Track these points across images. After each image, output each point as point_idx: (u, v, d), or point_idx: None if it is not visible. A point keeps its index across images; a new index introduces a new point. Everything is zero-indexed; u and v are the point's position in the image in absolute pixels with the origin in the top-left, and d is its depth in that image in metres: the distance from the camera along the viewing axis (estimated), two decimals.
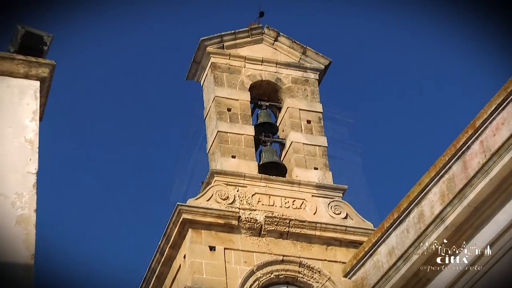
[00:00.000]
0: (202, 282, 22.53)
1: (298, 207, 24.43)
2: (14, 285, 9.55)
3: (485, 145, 12.72)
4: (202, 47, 26.19)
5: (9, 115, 10.49)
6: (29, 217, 9.94)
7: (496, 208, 12.50)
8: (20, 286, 9.56)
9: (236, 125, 25.43)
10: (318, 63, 27.02)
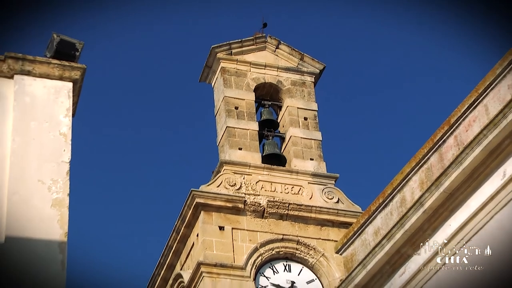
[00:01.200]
0: (212, 257, 22.56)
1: (296, 192, 24.46)
2: (50, 259, 9.53)
3: (458, 139, 12.70)
4: (213, 54, 26.26)
5: (46, 112, 10.45)
6: (63, 200, 9.90)
7: (468, 194, 12.46)
8: (56, 260, 9.52)
9: (243, 121, 25.47)
10: (314, 67, 27.08)
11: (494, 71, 12.15)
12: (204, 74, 26.81)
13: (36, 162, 10.09)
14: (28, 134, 10.24)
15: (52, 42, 10.67)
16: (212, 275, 22.34)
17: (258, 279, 22.90)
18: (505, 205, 11.85)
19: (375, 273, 14.01)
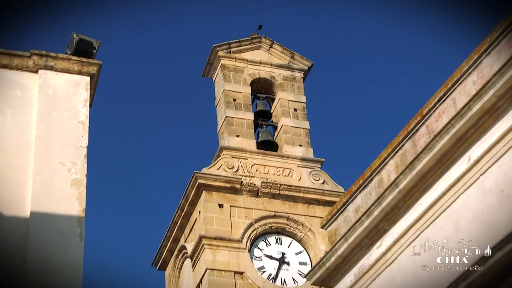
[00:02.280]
0: (213, 231, 22.60)
1: (286, 175, 24.49)
2: (70, 232, 9.58)
3: (429, 128, 12.70)
4: (214, 52, 26.29)
5: (66, 102, 10.47)
6: (81, 180, 9.95)
7: (438, 177, 12.45)
8: (74, 233, 9.56)
9: (240, 112, 25.49)
10: (303, 64, 27.11)
11: (461, 68, 12.18)
12: (206, 70, 26.87)
13: (58, 146, 10.13)
14: (51, 122, 10.27)
15: (72, 41, 10.71)
16: (212, 247, 22.40)
17: (252, 250, 22.96)
18: (470, 186, 11.86)
19: (355, 246, 13.99)
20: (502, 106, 11.32)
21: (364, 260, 13.97)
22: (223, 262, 22.31)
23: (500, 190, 11.27)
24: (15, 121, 10.22)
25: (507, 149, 11.24)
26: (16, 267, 9.17)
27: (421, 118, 12.93)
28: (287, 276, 22.99)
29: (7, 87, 10.44)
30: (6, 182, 9.75)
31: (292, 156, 24.95)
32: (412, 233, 12.91)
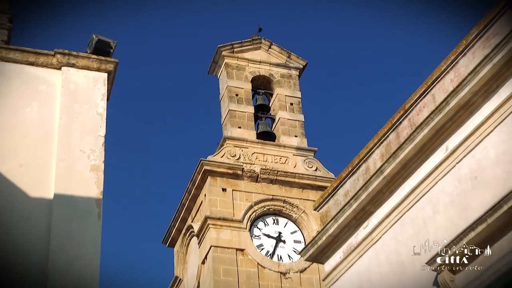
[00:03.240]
0: (217, 213, 22.63)
1: (283, 162, 24.51)
2: (89, 212, 9.58)
3: (411, 121, 12.69)
4: (219, 52, 26.33)
5: (86, 96, 10.46)
6: (99, 166, 9.94)
7: (418, 165, 12.43)
8: (93, 213, 9.56)
9: (242, 106, 25.51)
10: (298, 63, 27.16)
11: (440, 67, 12.18)
12: (211, 68, 26.92)
13: (78, 135, 10.11)
14: (72, 114, 10.25)
15: (92, 41, 10.69)
16: (216, 226, 22.44)
17: (252, 230, 23.01)
18: (447, 173, 11.87)
19: (344, 226, 13.97)
20: (476, 102, 11.33)
21: (352, 239, 13.95)
22: (226, 240, 22.36)
23: (474, 177, 11.30)
24: (41, 113, 10.19)
25: (480, 140, 11.27)
26: (40, 243, 9.16)
27: (404, 112, 12.91)
28: (283, 253, 23.04)
29: (34, 82, 10.42)
30: (32, 167, 9.73)
31: (288, 145, 25.01)
32: (395, 215, 12.93)
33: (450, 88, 11.79)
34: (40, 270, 8.99)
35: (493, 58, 10.79)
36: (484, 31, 11.32)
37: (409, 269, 12.37)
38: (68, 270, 9.08)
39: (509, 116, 10.78)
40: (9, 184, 9.44)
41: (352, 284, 13.78)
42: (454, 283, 11.14)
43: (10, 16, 11.53)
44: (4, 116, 10.00)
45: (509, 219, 10.29)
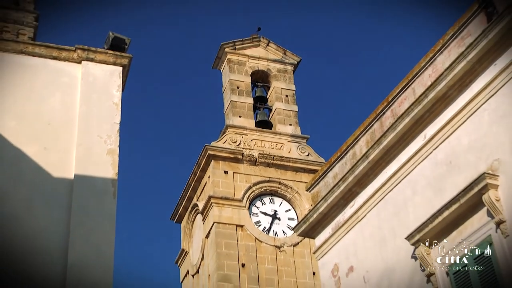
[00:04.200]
0: (219, 193, 22.66)
1: (279, 148, 24.51)
2: (105, 191, 9.60)
3: (394, 112, 12.71)
4: (222, 48, 26.31)
5: (103, 87, 10.47)
6: (115, 150, 9.95)
7: (399, 151, 12.41)
8: (109, 192, 9.58)
9: (242, 97, 25.50)
10: (293, 59, 27.13)
11: (419, 64, 12.18)
12: (215, 63, 26.90)
13: (96, 122, 10.12)
14: (91, 103, 10.26)
15: (109, 38, 10.69)
16: (219, 205, 22.47)
17: (251, 208, 23.03)
18: (425, 158, 11.88)
19: (333, 205, 14.01)
20: (451, 95, 11.34)
21: (339, 217, 13.97)
22: (227, 217, 22.40)
23: (449, 161, 11.33)
24: (63, 102, 10.20)
25: (455, 129, 11.29)
26: (62, 218, 9.21)
27: (387, 104, 12.92)
28: (278, 229, 23.07)
29: (57, 74, 10.43)
30: (54, 150, 9.75)
31: (284, 133, 25.01)
32: (378, 195, 12.97)
33: (428, 82, 11.82)
34: (62, 241, 9.02)
35: (467, 56, 10.81)
36: (459, 31, 11.34)
37: (390, 244, 12.39)
38: (87, 241, 9.11)
39: (480, 108, 10.81)
40: (34, 165, 9.47)
41: (340, 256, 13.80)
42: (430, 256, 11.18)
43: (36, 16, 11.54)
44: (30, 104, 10.02)
45: (479, 199, 10.33)
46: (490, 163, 10.42)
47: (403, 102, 12.50)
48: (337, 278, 13.74)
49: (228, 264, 21.66)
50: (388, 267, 12.34)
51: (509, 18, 10.07)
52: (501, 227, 9.96)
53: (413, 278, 11.61)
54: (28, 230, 8.97)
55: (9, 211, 9.06)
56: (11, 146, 9.49)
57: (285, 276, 22.12)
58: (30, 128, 9.79)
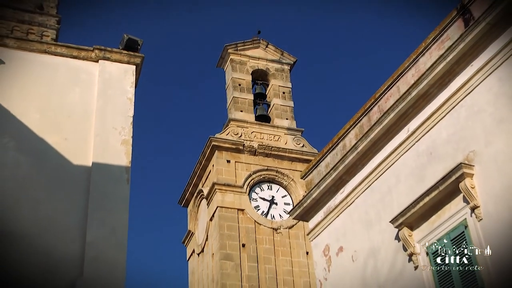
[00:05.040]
0: (222, 180, 22.69)
1: (276, 140, 24.53)
2: (119, 177, 9.60)
3: (380, 108, 12.69)
4: (225, 49, 26.29)
5: (118, 84, 10.46)
6: (128, 140, 9.95)
7: (385, 142, 12.37)
8: (123, 178, 9.59)
9: (243, 93, 25.51)
10: (289, 60, 27.13)
11: (403, 65, 12.15)
12: (219, 62, 26.89)
13: (111, 115, 10.11)
14: (107, 98, 10.25)
15: (123, 39, 10.67)
16: (222, 191, 22.51)
17: (250, 194, 23.06)
18: (408, 150, 11.89)
19: (325, 192, 14.02)
20: (432, 93, 11.35)
21: (331, 202, 13.98)
22: (229, 202, 22.44)
23: (429, 152, 11.33)
24: (82, 97, 10.19)
25: (435, 123, 11.29)
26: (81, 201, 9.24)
27: (374, 100, 12.92)
28: (275, 212, 23.12)
29: (76, 72, 10.42)
30: (74, 140, 9.75)
31: (281, 126, 25.04)
32: (366, 183, 12.97)
33: (411, 81, 11.82)
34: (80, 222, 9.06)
35: (446, 57, 10.81)
36: (439, 35, 11.35)
37: (376, 227, 12.42)
38: (103, 222, 9.14)
39: (458, 104, 10.82)
40: (56, 154, 9.49)
41: (330, 238, 13.82)
42: (412, 237, 11.22)
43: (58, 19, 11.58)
44: (53, 99, 10.03)
45: (456, 187, 10.37)
46: (466, 154, 10.45)
47: (389, 99, 12.50)
48: (328, 257, 13.77)
49: (230, 244, 21.72)
50: (374, 248, 12.38)
51: (484, 24, 10.10)
52: (476, 211, 10.01)
53: (396, 257, 11.65)
54: (50, 212, 9.01)
55: (32, 194, 9.08)
56: (35, 136, 9.50)
57: (281, 255, 22.19)
58: (52, 120, 9.79)
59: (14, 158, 9.25)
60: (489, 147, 10.05)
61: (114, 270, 8.85)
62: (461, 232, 10.18)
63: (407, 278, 11.22)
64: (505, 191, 9.59)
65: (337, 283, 13.30)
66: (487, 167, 10.02)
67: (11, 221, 8.73)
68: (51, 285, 8.49)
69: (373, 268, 12.28)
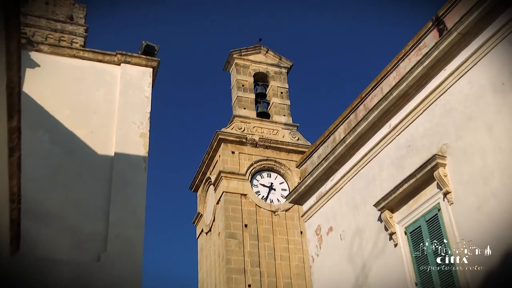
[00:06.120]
0: (228, 168, 22.76)
1: (275, 134, 24.59)
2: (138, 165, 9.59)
3: (366, 106, 12.65)
4: (231, 55, 26.32)
5: (137, 84, 10.48)
6: (146, 134, 9.97)
7: (370, 136, 12.33)
8: (141, 167, 9.57)
9: (246, 93, 25.55)
10: (287, 64, 27.16)
11: (386, 69, 12.13)
12: (225, 66, 26.91)
13: (131, 111, 10.14)
14: (128, 96, 10.29)
15: (142, 46, 10.70)
16: (227, 178, 22.59)
17: (252, 181, 23.14)
18: (390, 143, 11.87)
19: (317, 179, 14.00)
20: (411, 93, 11.33)
21: (322, 188, 13.95)
22: (234, 188, 22.52)
23: (408, 145, 11.32)
24: (106, 96, 10.21)
25: (413, 120, 11.27)
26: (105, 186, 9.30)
27: (361, 99, 12.91)
28: (274, 197, 23.20)
29: (101, 74, 10.44)
30: (99, 134, 9.78)
31: (279, 122, 25.09)
32: (353, 171, 12.94)
33: (393, 83, 11.80)
34: (104, 205, 9.13)
35: (423, 62, 10.79)
36: (417, 43, 11.32)
37: (361, 210, 12.42)
38: (124, 205, 9.20)
39: (433, 103, 10.82)
40: (84, 145, 9.55)
41: (322, 219, 13.81)
42: (392, 219, 11.25)
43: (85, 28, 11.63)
44: (81, 97, 10.07)
45: (431, 175, 10.39)
46: (440, 146, 10.46)
47: (373, 98, 12.49)
48: (320, 236, 13.77)
49: (234, 224, 21.83)
50: (359, 228, 12.39)
51: (455, 34, 10.12)
52: (447, 196, 10.04)
53: (378, 236, 11.68)
54: (78, 195, 9.08)
55: (63, 181, 9.16)
56: (66, 130, 9.56)
57: (279, 234, 22.30)
58: (80, 116, 9.82)
59: (48, 148, 9.32)
60: (459, 141, 10.07)
61: (133, 246, 8.92)
62: (435, 214, 10.22)
63: (388, 254, 11.26)
64: (472, 179, 9.63)
65: (327, 258, 13.32)
66: (457, 158, 10.04)
67: (46, 203, 8.82)
68: (80, 258, 8.59)
69: (358, 245, 12.29)
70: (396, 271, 10.91)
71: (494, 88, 9.45)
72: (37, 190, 8.83)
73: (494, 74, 9.49)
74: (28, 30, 11.23)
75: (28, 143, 8.75)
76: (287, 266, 21.72)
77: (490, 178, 9.23)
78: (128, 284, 8.54)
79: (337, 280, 12.73)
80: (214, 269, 22.52)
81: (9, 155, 6.84)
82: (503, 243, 8.63)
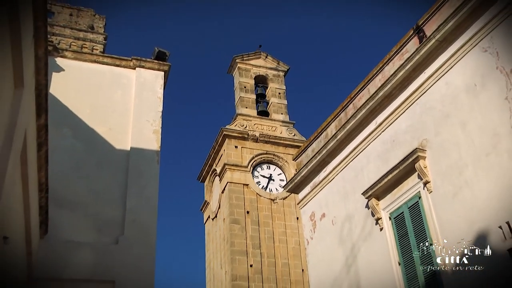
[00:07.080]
0: (231, 161, 22.81)
1: (274, 130, 24.63)
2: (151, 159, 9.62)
3: (355, 105, 12.65)
4: (234, 59, 26.34)
5: (150, 86, 10.49)
6: (158, 130, 10.00)
7: (358, 132, 12.28)
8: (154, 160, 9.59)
9: (248, 94, 25.58)
10: (284, 67, 27.16)
11: (372, 72, 12.11)
12: (229, 69, 26.93)
13: (145, 110, 10.15)
14: (142, 97, 10.31)
15: (154, 51, 10.73)
16: (231, 170, 22.65)
17: (253, 172, 23.20)
18: (376, 138, 11.86)
19: (311, 170, 13.97)
20: (395, 93, 11.31)
21: (316, 179, 13.93)
22: (237, 178, 22.59)
23: (392, 140, 11.31)
24: (123, 96, 10.25)
25: (397, 117, 11.27)
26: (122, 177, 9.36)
27: (350, 99, 12.89)
28: (272, 187, 23.25)
29: (118, 77, 10.47)
30: (117, 130, 9.81)
31: (277, 119, 25.12)
32: (343, 164, 12.91)
33: (379, 84, 11.79)
34: (121, 194, 9.18)
35: (405, 66, 10.78)
36: (400, 49, 11.33)
37: (351, 198, 12.40)
38: (139, 194, 9.24)
39: (414, 103, 10.82)
40: (103, 141, 9.61)
41: (315, 206, 13.81)
42: (378, 206, 11.26)
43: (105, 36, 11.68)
44: (100, 98, 10.11)
45: (412, 167, 10.40)
46: (420, 141, 10.48)
47: (361, 98, 12.48)
48: (314, 221, 13.78)
49: (237, 211, 21.92)
50: (349, 214, 12.40)
51: (434, 40, 10.15)
52: (427, 186, 10.06)
53: (366, 221, 11.71)
54: (98, 185, 9.15)
55: (84, 173, 9.20)
56: (87, 127, 9.60)
57: (277, 220, 22.38)
58: (100, 114, 9.87)
59: (71, 144, 9.37)
60: (437, 136, 10.09)
61: (147, 230, 8.95)
62: (416, 201, 10.25)
63: (374, 237, 11.29)
64: (449, 170, 9.66)
65: (320, 241, 13.33)
66: (436, 151, 10.06)
67: (69, 192, 8.89)
68: (101, 241, 8.68)
69: (348, 229, 12.30)
70: (381, 252, 10.94)
71: (468, 89, 9.49)
72: (62, 180, 8.89)
73: (468, 77, 9.54)
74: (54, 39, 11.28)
75: (54, 139, 8.79)
76: (284, 248, 21.81)
77: (464, 169, 9.28)
78: (143, 263, 8.59)
79: (329, 260, 12.75)
80: (220, 251, 22.63)
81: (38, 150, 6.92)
82: (476, 225, 8.73)
